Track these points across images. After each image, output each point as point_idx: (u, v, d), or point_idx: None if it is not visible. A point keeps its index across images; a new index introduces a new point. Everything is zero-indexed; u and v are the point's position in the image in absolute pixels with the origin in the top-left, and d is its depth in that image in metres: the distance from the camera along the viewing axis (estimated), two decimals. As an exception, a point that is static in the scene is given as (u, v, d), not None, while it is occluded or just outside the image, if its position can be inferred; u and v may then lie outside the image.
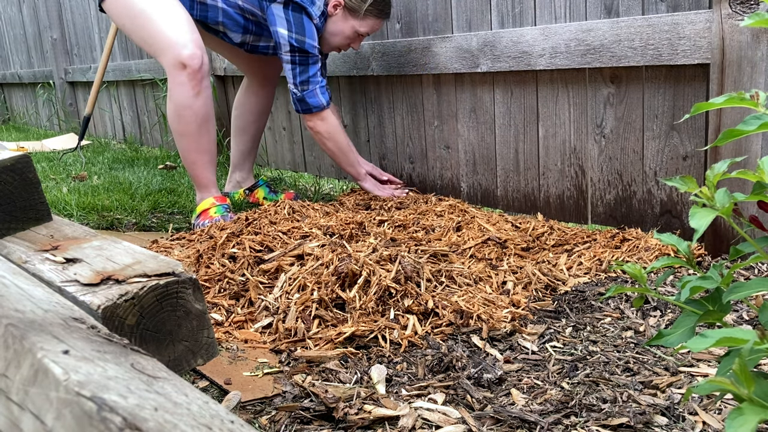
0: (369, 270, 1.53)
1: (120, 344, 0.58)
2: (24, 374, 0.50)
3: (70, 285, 0.80)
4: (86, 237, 1.00)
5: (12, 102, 7.15)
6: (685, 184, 0.73)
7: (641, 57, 1.82)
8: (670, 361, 1.25)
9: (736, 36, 1.61)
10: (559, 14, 2.04)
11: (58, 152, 4.40)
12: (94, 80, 3.87)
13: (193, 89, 2.14)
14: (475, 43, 2.25)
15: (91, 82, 4.78)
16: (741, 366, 0.54)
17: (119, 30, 3.23)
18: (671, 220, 1.90)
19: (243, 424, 0.45)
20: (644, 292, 0.78)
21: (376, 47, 2.62)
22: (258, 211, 2.19)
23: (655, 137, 1.90)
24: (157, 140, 4.53)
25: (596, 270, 1.73)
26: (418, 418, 1.10)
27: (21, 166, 1.04)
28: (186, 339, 0.82)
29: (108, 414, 0.41)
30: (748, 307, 1.45)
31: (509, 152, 2.30)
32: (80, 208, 2.64)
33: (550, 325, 1.46)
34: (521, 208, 2.30)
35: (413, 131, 2.65)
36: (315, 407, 1.13)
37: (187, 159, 2.30)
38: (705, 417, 1.06)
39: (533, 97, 2.18)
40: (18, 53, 6.65)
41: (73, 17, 5.34)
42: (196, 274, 1.76)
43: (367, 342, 1.39)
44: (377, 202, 2.43)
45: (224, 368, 1.31)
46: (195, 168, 2.31)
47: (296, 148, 3.31)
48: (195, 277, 0.82)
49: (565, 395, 1.14)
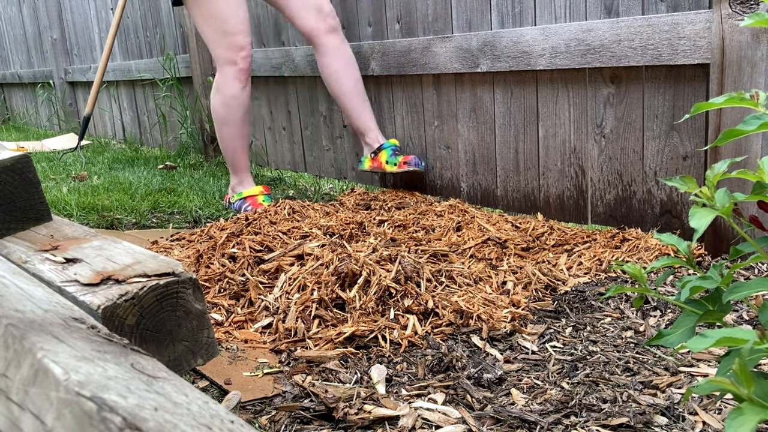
0: (369, 270, 1.53)
1: (120, 344, 0.58)
2: (24, 374, 0.50)
3: (70, 285, 0.80)
4: (86, 237, 1.00)
5: (12, 102, 7.15)
6: (685, 184, 0.73)
7: (641, 57, 1.82)
8: (670, 361, 1.25)
9: (736, 36, 1.61)
10: (559, 14, 2.04)
11: (58, 152, 4.40)
12: (94, 80, 3.87)
13: (241, 83, 2.49)
14: (475, 43, 2.25)
15: (91, 82, 4.79)
16: (741, 366, 0.54)
17: (118, 29, 3.22)
18: (671, 220, 1.90)
19: (243, 424, 0.45)
20: (644, 292, 0.78)
21: (376, 47, 2.62)
22: (258, 211, 2.19)
23: (655, 137, 1.90)
24: (157, 140, 4.53)
25: (596, 270, 1.73)
26: (418, 418, 1.10)
27: (21, 166, 1.04)
28: (186, 339, 0.82)
29: (108, 414, 0.41)
30: (748, 307, 1.45)
31: (509, 152, 2.30)
32: (80, 208, 2.64)
33: (550, 325, 1.46)
34: (521, 208, 2.30)
35: (413, 131, 2.65)
36: (315, 407, 1.13)
37: (229, 146, 2.61)
38: (705, 417, 1.06)
39: (533, 97, 2.18)
40: (18, 53, 6.65)
41: (73, 17, 5.34)
42: (196, 274, 1.76)
43: (367, 342, 1.39)
44: (377, 202, 2.43)
45: (224, 368, 1.31)
46: (236, 153, 2.62)
47: (296, 148, 3.31)
48: (195, 277, 0.82)
49: (565, 395, 1.14)
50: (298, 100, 3.21)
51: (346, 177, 3.03)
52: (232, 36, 2.43)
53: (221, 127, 2.58)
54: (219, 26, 2.42)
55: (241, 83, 2.50)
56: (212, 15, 2.41)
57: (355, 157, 2.93)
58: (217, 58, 2.49)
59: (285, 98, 3.28)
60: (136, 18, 4.42)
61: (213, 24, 2.43)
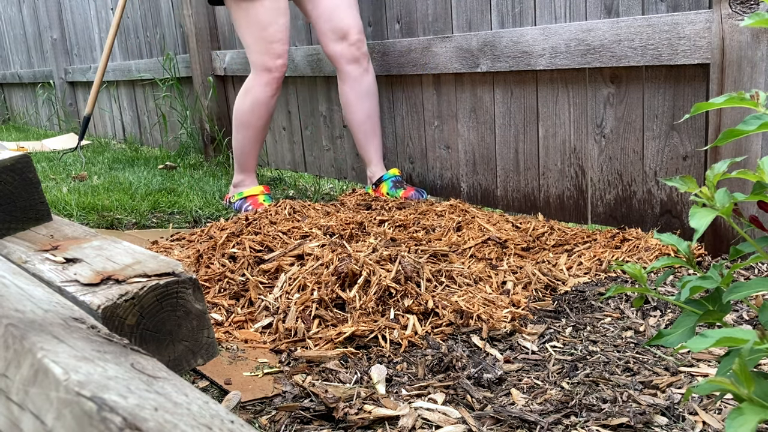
0: (369, 270, 1.53)
1: (120, 344, 0.58)
2: (24, 374, 0.50)
3: (70, 285, 0.80)
4: (86, 237, 1.00)
5: (12, 102, 7.15)
6: (685, 184, 0.73)
7: (641, 57, 1.82)
8: (670, 361, 1.25)
9: (736, 36, 1.61)
10: (559, 14, 2.04)
11: (58, 152, 4.40)
12: (94, 80, 3.87)
13: (272, 91, 2.49)
14: (475, 43, 2.25)
15: (91, 82, 4.78)
16: (741, 366, 0.54)
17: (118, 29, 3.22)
18: (671, 220, 1.90)
19: (243, 424, 0.45)
20: (644, 292, 0.78)
21: (376, 47, 2.62)
22: (258, 211, 2.19)
23: (655, 137, 1.90)
24: (157, 140, 4.53)
25: (596, 270, 1.73)
26: (418, 418, 1.10)
27: (21, 166, 1.04)
28: (186, 339, 0.82)
29: (108, 414, 0.41)
30: (748, 307, 1.45)
31: (509, 152, 2.30)
32: (80, 208, 2.64)
33: (550, 325, 1.46)
34: (521, 208, 2.30)
35: (413, 131, 2.65)
36: (315, 407, 1.13)
37: (244, 148, 2.60)
38: (705, 417, 1.06)
39: (533, 97, 2.18)
40: (18, 53, 6.65)
41: (73, 17, 5.34)
42: (196, 274, 1.76)
43: (367, 342, 1.39)
44: (378, 202, 2.43)
45: (224, 368, 1.31)
46: (248, 156, 2.62)
47: (296, 148, 3.31)
48: (195, 277, 0.82)
49: (565, 395, 1.14)
50: (298, 100, 3.22)
51: (346, 177, 3.03)
52: (271, 43, 2.42)
53: (241, 129, 2.57)
54: (259, 32, 2.41)
55: (272, 91, 2.49)
56: (255, 21, 2.40)
57: (355, 157, 2.93)
58: (253, 62, 2.48)
59: (285, 98, 3.28)
60: (136, 18, 4.42)
61: (254, 29, 2.42)
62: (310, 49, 2.94)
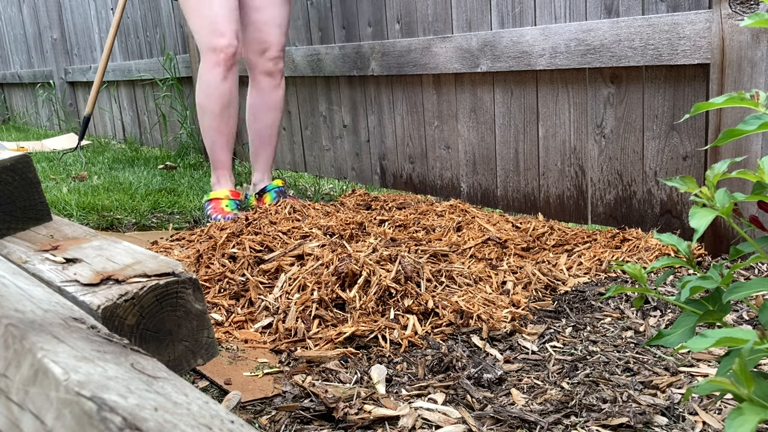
0: (369, 270, 1.53)
1: (120, 344, 0.58)
2: (24, 374, 0.50)
3: (70, 285, 0.80)
4: (86, 237, 1.00)
5: (12, 102, 7.15)
6: (685, 184, 0.73)
7: (641, 57, 1.82)
8: (670, 361, 1.25)
9: (736, 36, 1.61)
10: (559, 14, 2.04)
11: (58, 152, 4.40)
12: (94, 80, 3.87)
13: (222, 74, 2.40)
14: (475, 43, 2.25)
15: (91, 82, 4.79)
16: (741, 366, 0.54)
17: (118, 29, 3.22)
18: (671, 220, 1.90)
19: (243, 424, 0.45)
20: (644, 292, 0.78)
21: (376, 47, 2.62)
22: (258, 211, 2.19)
23: (655, 137, 1.90)
24: (157, 140, 4.53)
25: (596, 270, 1.73)
26: (418, 418, 1.10)
27: (21, 166, 1.04)
28: (186, 339, 0.82)
29: (108, 414, 0.41)
30: (748, 307, 1.45)
31: (509, 152, 2.30)
32: (80, 208, 2.64)
33: (550, 325, 1.46)
34: (521, 208, 2.30)
35: (413, 131, 2.65)
36: (315, 407, 1.13)
37: (207, 138, 2.53)
38: (705, 417, 1.06)
39: (533, 97, 2.18)
40: (18, 53, 6.65)
41: (73, 17, 5.34)
42: (196, 274, 1.76)
43: (367, 342, 1.39)
44: (378, 202, 2.43)
45: (224, 368, 1.31)
46: (214, 146, 2.54)
47: (296, 149, 3.31)
48: (195, 277, 0.82)
49: (565, 395, 1.14)
50: (298, 100, 3.22)
51: (346, 177, 3.03)
52: (214, 22, 2.36)
53: (201, 117, 2.51)
54: (203, 12, 2.36)
55: (222, 73, 2.40)
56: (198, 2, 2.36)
57: (355, 157, 2.93)
58: (200, 46, 2.43)
59: (285, 98, 3.27)
60: (136, 18, 4.42)
61: (198, 11, 2.37)
62: (310, 49, 2.94)
